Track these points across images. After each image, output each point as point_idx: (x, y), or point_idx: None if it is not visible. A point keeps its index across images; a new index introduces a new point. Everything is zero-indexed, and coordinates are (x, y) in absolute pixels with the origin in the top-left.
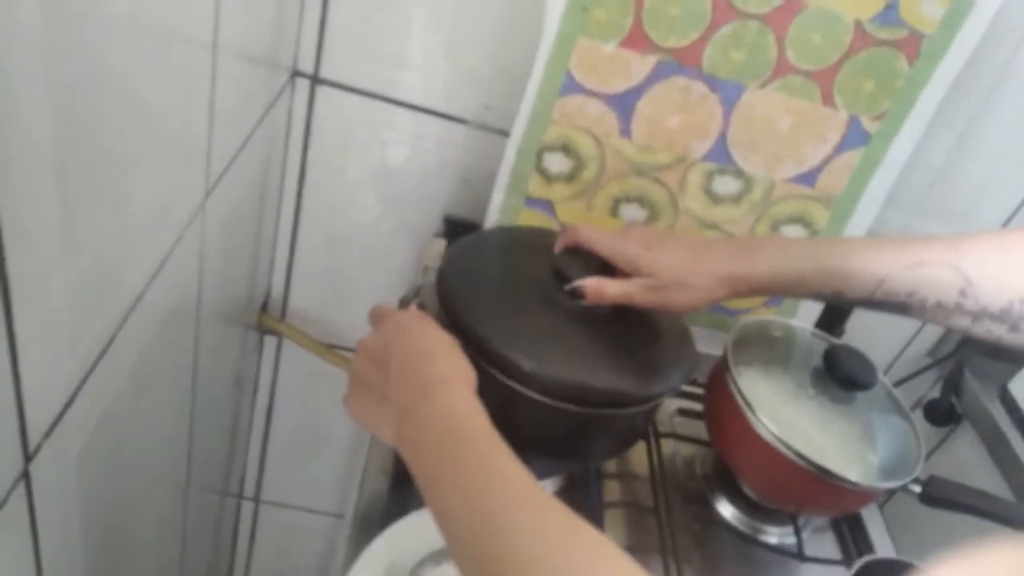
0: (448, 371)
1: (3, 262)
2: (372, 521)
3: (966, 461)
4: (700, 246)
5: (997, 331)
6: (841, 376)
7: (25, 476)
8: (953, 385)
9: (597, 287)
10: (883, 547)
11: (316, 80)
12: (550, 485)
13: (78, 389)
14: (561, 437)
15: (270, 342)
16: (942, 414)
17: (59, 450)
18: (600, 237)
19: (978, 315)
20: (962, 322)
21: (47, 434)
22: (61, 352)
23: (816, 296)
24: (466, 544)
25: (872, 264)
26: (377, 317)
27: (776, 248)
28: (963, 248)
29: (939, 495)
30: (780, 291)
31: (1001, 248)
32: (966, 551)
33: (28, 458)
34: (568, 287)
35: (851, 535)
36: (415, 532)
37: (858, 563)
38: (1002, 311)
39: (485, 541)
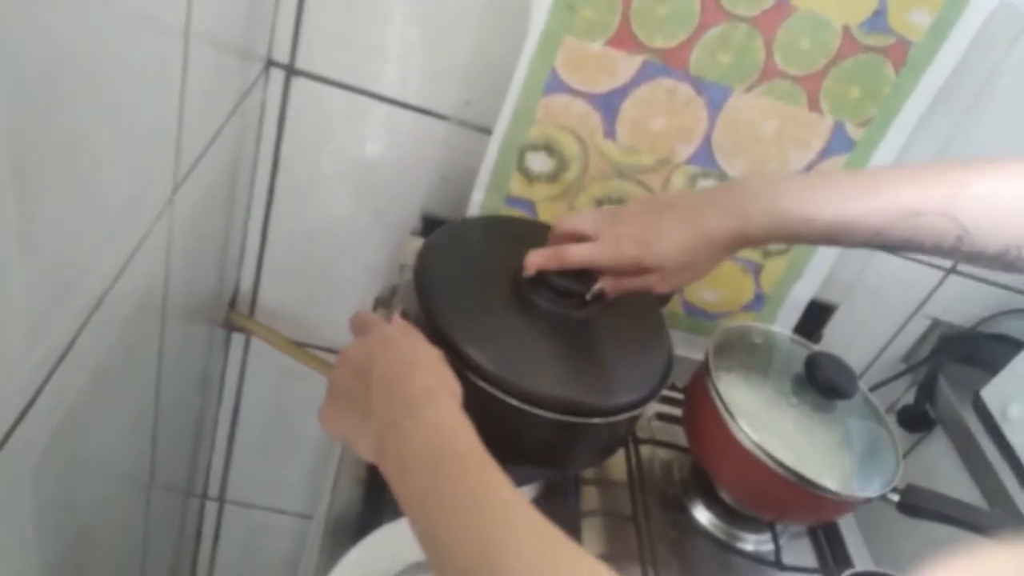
0: (434, 384)
1: None
2: (345, 530)
3: (938, 467)
4: (691, 215)
5: (992, 267)
6: (822, 384)
7: None
8: (927, 391)
9: (615, 286)
10: (859, 554)
11: (291, 71)
12: (528, 492)
13: (35, 396)
14: (542, 445)
15: (238, 339)
16: (916, 420)
17: (14, 459)
18: (596, 256)
19: (974, 256)
20: (958, 258)
21: (1, 444)
22: (17, 358)
23: (814, 244)
24: (457, 569)
25: (867, 217)
26: (360, 326)
27: (768, 200)
28: (959, 198)
29: (917, 504)
30: (778, 242)
31: (995, 193)
32: (953, 557)
33: None
34: (589, 296)
35: (827, 542)
36: (391, 544)
37: None
38: (997, 253)
39: (478, 567)
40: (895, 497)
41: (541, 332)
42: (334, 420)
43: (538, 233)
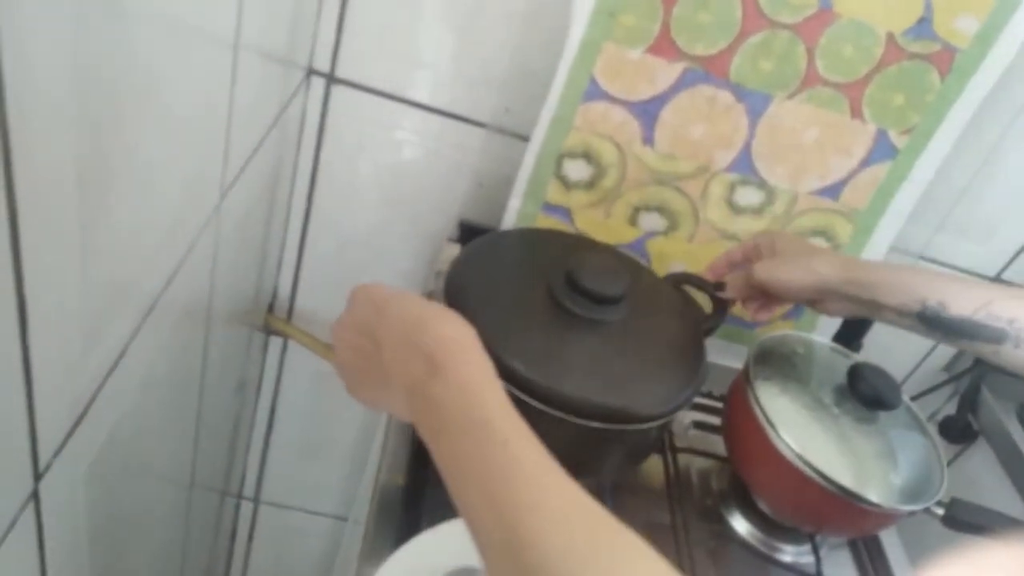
0: (448, 335)
1: (20, 277)
2: (385, 535)
3: (981, 479)
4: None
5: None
6: (865, 395)
7: (34, 496)
8: (970, 402)
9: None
10: (901, 567)
11: (332, 79)
12: None
13: (90, 404)
14: (572, 451)
15: (275, 343)
16: (958, 431)
17: (69, 467)
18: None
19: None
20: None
21: (57, 452)
22: (74, 367)
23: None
24: (495, 550)
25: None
26: (350, 297)
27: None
28: None
29: (962, 518)
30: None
31: None
32: (953, 558)
33: (38, 477)
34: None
35: (868, 555)
36: (431, 550)
37: None
38: None
39: (514, 550)
40: (940, 511)
41: (574, 338)
42: (359, 392)
43: (572, 244)
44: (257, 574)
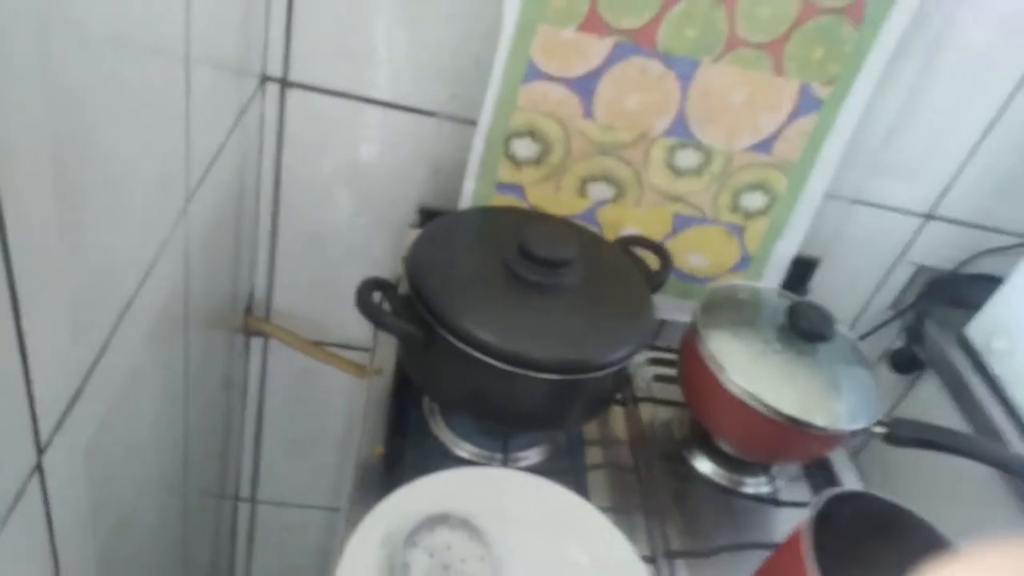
0: None
1: (9, 264)
2: (368, 498)
3: (932, 407)
4: None
5: None
6: (803, 330)
7: (39, 468)
8: (915, 334)
9: None
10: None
11: (285, 83)
12: (535, 455)
13: (82, 385)
14: (537, 405)
15: (257, 343)
16: (906, 362)
17: (68, 443)
18: None
19: None
20: None
21: (56, 427)
22: (65, 350)
23: None
24: None
25: None
26: None
27: None
28: None
29: (903, 434)
30: None
31: None
32: (953, 556)
33: (40, 450)
34: None
35: (823, 480)
36: (408, 501)
37: (824, 496)
38: None
39: None
40: (881, 430)
41: (531, 303)
42: None
43: (524, 218)
44: (262, 572)
